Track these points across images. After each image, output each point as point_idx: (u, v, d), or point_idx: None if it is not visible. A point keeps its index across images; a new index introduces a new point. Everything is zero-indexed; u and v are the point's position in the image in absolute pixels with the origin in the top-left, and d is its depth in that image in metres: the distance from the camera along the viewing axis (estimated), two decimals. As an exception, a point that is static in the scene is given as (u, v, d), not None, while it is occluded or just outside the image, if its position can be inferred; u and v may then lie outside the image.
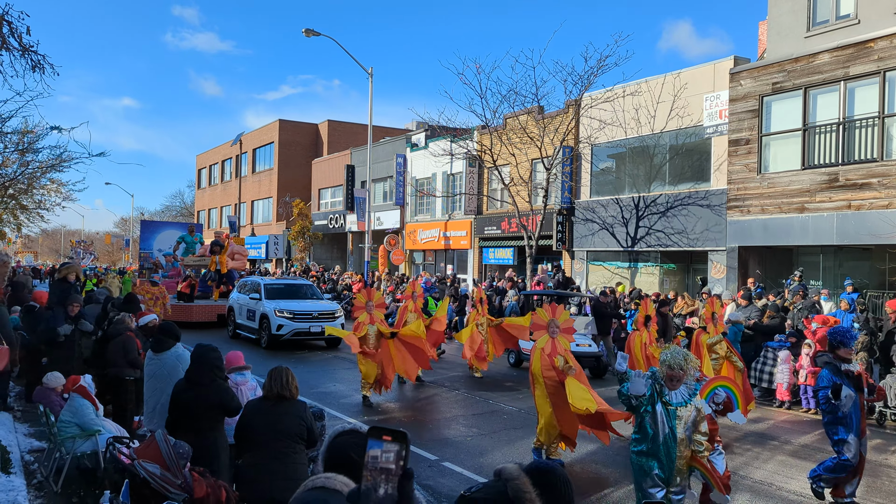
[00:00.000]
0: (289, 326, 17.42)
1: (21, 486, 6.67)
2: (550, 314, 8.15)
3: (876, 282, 16.29)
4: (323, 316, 17.87)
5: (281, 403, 4.93)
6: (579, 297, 19.73)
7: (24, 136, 20.87)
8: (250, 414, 5.09)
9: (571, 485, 2.44)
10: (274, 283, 19.77)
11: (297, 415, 4.97)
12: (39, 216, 29.74)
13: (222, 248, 23.42)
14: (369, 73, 28.14)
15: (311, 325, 17.53)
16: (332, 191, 40.54)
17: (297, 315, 17.63)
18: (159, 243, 28.68)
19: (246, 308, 19.16)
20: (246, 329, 19.17)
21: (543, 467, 2.45)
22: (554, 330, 8.06)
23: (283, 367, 5.10)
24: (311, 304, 18.62)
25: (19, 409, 10.12)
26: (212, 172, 57.12)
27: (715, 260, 18.91)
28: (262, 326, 18.05)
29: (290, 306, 17.86)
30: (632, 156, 22.13)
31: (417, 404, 12.27)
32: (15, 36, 8.28)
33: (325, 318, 17.70)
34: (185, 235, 26.49)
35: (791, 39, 17.32)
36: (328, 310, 18.33)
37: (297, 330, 17.46)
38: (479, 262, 28.41)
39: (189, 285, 22.90)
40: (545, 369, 8.00)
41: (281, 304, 17.92)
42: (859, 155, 15.71)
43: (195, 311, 22.09)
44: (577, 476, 7.90)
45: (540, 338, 8.19)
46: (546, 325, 8.12)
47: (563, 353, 8.02)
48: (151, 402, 6.77)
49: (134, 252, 72.42)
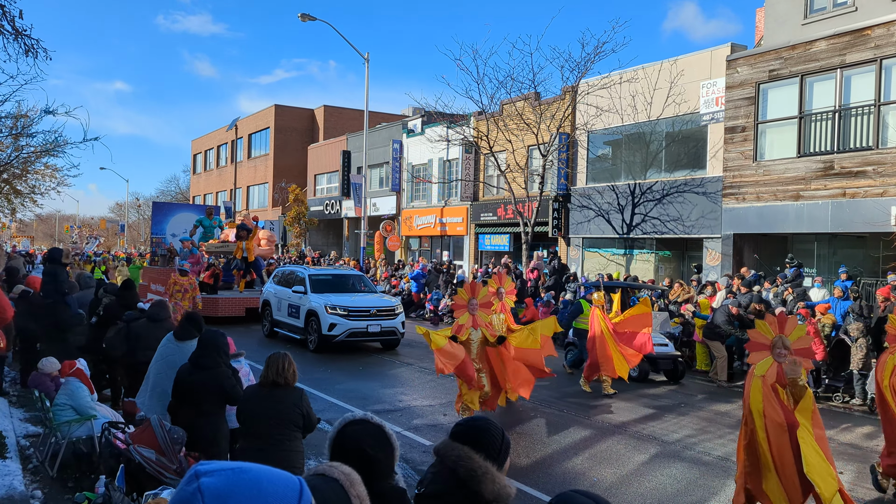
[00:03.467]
0: (343, 326, 14.92)
1: (17, 471, 6.69)
2: (777, 329, 5.85)
3: (869, 269, 16.37)
4: (382, 313, 15.49)
5: (276, 390, 4.92)
6: (651, 289, 16.82)
7: (18, 121, 20.74)
8: (246, 400, 5.10)
9: (497, 425, 2.44)
10: (320, 274, 17.09)
11: (293, 402, 4.95)
12: (33, 201, 29.63)
13: (250, 232, 20.27)
14: (366, 59, 28.00)
15: (369, 323, 15.16)
16: (328, 176, 40.45)
17: (353, 312, 15.13)
18: (173, 227, 26.05)
19: (287, 303, 16.61)
20: (287, 327, 16.70)
21: (469, 426, 2.45)
22: (781, 352, 5.76)
23: (282, 354, 5.04)
24: (367, 298, 16.14)
25: (14, 393, 10.13)
26: (207, 157, 56.93)
27: (710, 247, 18.96)
28: (308, 325, 15.53)
29: (343, 301, 15.35)
30: (628, 143, 22.12)
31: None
32: (7, 19, 8.22)
33: (384, 316, 15.44)
34: (203, 218, 23.33)
35: (788, 27, 17.28)
36: (387, 305, 15.82)
37: (353, 330, 14.98)
38: (475, 249, 28.43)
39: (212, 275, 20.08)
40: (768, 407, 5.72)
41: (332, 299, 15.38)
42: (855, 143, 15.73)
43: (221, 305, 19.18)
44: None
45: (760, 361, 5.89)
46: (770, 345, 5.85)
47: (794, 385, 5.73)
48: (152, 382, 6.75)
49: (130, 237, 72.34)
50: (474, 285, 9.68)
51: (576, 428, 9.48)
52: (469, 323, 9.46)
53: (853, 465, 8.14)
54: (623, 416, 10.24)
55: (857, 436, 9.61)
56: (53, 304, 9.14)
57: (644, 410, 10.71)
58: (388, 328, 15.40)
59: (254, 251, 20.49)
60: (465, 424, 2.48)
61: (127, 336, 8.32)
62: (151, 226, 27.97)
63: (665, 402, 11.32)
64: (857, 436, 9.61)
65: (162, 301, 8.86)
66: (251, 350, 11.08)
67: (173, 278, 15.57)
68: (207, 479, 1.22)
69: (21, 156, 23.00)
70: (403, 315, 16.08)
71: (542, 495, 6.82)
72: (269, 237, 23.08)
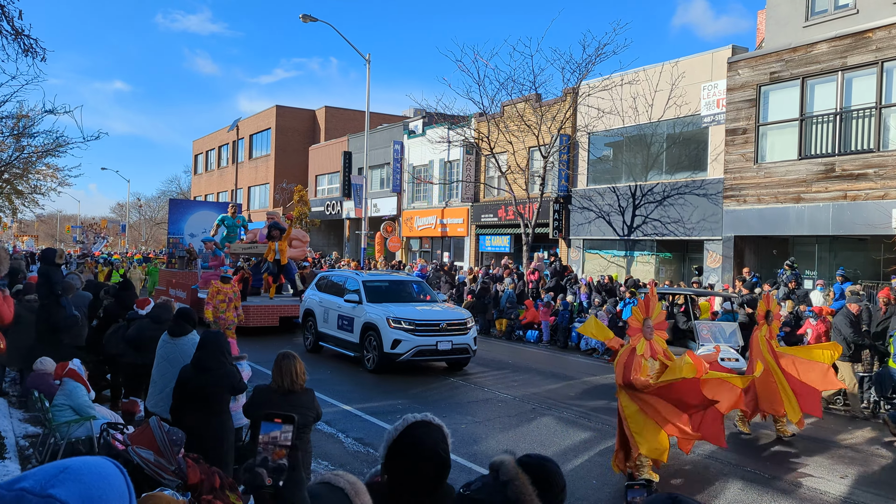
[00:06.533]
0: (409, 343, 12.74)
1: (16, 471, 6.69)
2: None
3: (871, 272, 16.35)
4: (453, 327, 13.20)
5: (290, 395, 4.99)
6: (726, 297, 15.16)
7: (20, 121, 20.78)
8: (259, 405, 5.11)
9: (563, 475, 2.44)
10: (375, 280, 14.74)
11: (307, 405, 5.04)
12: (34, 201, 29.67)
13: (283, 232, 18.04)
14: (367, 60, 28.01)
15: (439, 339, 12.90)
16: (329, 177, 40.47)
17: (420, 326, 12.92)
18: (191, 226, 24.39)
19: (336, 313, 14.43)
20: (335, 342, 14.52)
21: (538, 462, 2.42)
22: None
23: (291, 357, 5.06)
24: (434, 310, 13.73)
25: (14, 394, 10.13)
26: (208, 158, 57.02)
27: (711, 249, 18.95)
28: (365, 341, 13.36)
29: (407, 314, 13.11)
30: (629, 144, 22.12)
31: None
32: (7, 19, 8.22)
33: (455, 331, 13.18)
34: (226, 217, 21.04)
35: (789, 29, 17.27)
36: (458, 318, 13.45)
37: (421, 347, 12.78)
38: (476, 250, 28.43)
39: (241, 279, 17.39)
40: None
41: (393, 311, 13.17)
42: (856, 145, 15.72)
43: (251, 314, 16.87)
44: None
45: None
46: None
47: None
48: (160, 384, 6.74)
49: (131, 237, 72.38)
50: (649, 301, 7.37)
51: (576, 430, 9.47)
52: (647, 351, 7.17)
53: (853, 468, 8.11)
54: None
55: (859, 440, 9.58)
56: (47, 305, 9.11)
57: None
58: (460, 345, 13.16)
59: (286, 253, 18.18)
60: (537, 458, 2.46)
61: (127, 336, 8.30)
62: (168, 225, 26.36)
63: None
64: (859, 440, 9.58)
65: (167, 302, 8.68)
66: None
67: (216, 286, 13.60)
68: (57, 490, 1.23)
69: (22, 156, 23.04)
70: (475, 329, 13.92)
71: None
72: (303, 237, 21.03)
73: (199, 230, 23.69)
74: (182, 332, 6.60)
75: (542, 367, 14.55)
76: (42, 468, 1.29)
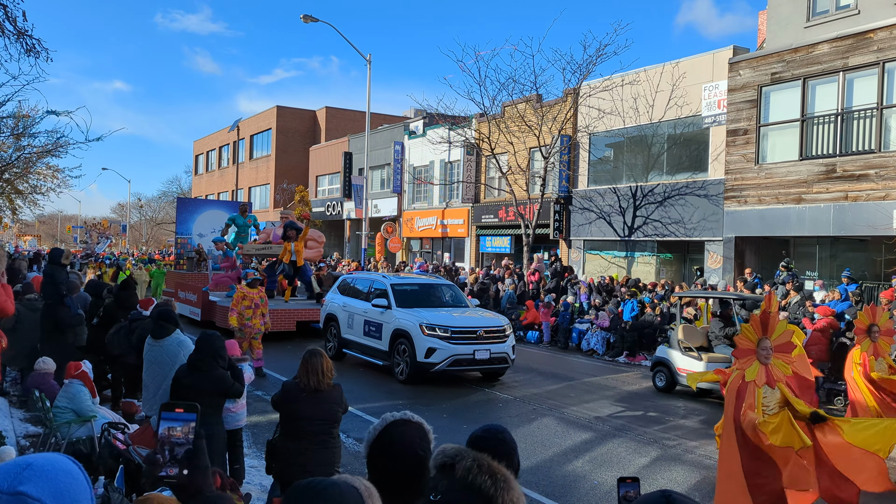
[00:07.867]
0: (445, 351, 11.84)
1: (16, 471, 6.68)
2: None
3: (872, 273, 16.34)
4: (491, 334, 12.29)
5: (319, 393, 5.05)
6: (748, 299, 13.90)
7: (20, 121, 20.79)
8: (288, 402, 5.16)
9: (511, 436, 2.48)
10: (405, 283, 13.82)
11: (335, 402, 5.12)
12: (34, 202, 29.67)
13: (300, 232, 17.21)
14: (367, 60, 28.01)
15: (476, 348, 12.04)
16: (330, 178, 40.48)
17: (457, 334, 12.03)
18: (200, 226, 23.69)
19: (362, 318, 13.55)
20: (361, 349, 13.63)
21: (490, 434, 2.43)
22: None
23: (318, 354, 5.11)
24: (470, 316, 12.83)
25: (15, 394, 10.12)
26: (209, 158, 57.07)
27: (711, 250, 18.94)
28: (395, 349, 12.51)
29: (442, 320, 12.22)
30: (629, 145, 22.12)
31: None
32: (10, 20, 8.23)
33: (493, 338, 12.29)
34: (237, 216, 20.23)
35: (791, 29, 17.27)
36: (496, 326, 12.55)
37: (458, 357, 11.90)
38: (476, 251, 28.43)
39: None
40: None
41: (426, 316, 12.27)
42: (857, 146, 15.71)
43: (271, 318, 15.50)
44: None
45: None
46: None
47: None
48: (152, 388, 6.76)
49: (131, 237, 72.39)
50: (767, 316, 5.81)
51: (577, 430, 9.47)
52: (763, 378, 5.72)
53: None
54: (625, 420, 10.22)
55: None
56: (52, 304, 9.12)
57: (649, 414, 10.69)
58: (498, 354, 12.28)
59: (303, 254, 17.36)
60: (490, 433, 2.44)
61: (128, 336, 8.30)
62: (176, 224, 25.65)
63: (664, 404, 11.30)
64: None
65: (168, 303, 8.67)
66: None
67: (241, 291, 12.81)
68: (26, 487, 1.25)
69: (23, 156, 23.05)
70: (513, 338, 12.98)
71: (543, 498, 6.80)
72: (319, 238, 20.33)
73: (207, 230, 22.99)
74: (164, 333, 6.59)
75: (543, 368, 14.56)
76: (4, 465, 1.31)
